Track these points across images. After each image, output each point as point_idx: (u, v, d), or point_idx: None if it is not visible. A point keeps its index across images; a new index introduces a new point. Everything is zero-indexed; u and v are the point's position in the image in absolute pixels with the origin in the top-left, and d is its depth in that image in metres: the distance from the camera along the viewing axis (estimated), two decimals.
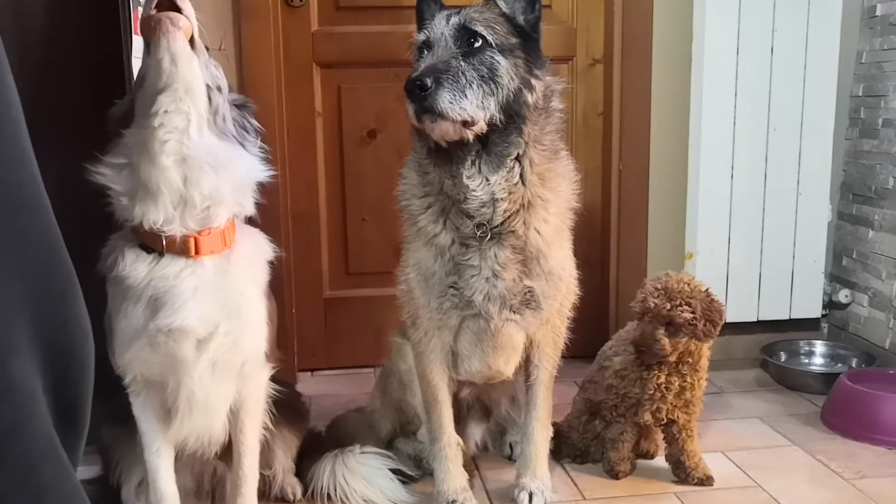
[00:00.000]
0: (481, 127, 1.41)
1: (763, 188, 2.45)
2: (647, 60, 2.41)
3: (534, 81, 1.46)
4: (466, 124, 1.39)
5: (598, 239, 2.60)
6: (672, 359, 1.71)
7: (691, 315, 1.66)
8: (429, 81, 1.35)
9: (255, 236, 1.47)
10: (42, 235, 0.75)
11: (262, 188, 1.44)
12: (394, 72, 2.42)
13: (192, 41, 1.30)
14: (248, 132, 1.42)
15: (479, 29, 1.42)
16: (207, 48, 1.38)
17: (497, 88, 1.41)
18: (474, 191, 1.46)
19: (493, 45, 1.43)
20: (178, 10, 1.27)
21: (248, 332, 1.40)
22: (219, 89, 1.35)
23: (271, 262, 1.49)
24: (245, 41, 2.24)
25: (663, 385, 1.74)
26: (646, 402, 1.76)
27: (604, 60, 2.51)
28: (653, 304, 1.68)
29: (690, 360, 1.74)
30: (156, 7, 1.27)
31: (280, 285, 1.55)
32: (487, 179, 1.46)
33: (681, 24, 2.37)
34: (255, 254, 1.45)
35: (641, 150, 2.46)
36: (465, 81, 1.38)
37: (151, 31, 1.26)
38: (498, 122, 1.43)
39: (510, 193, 1.47)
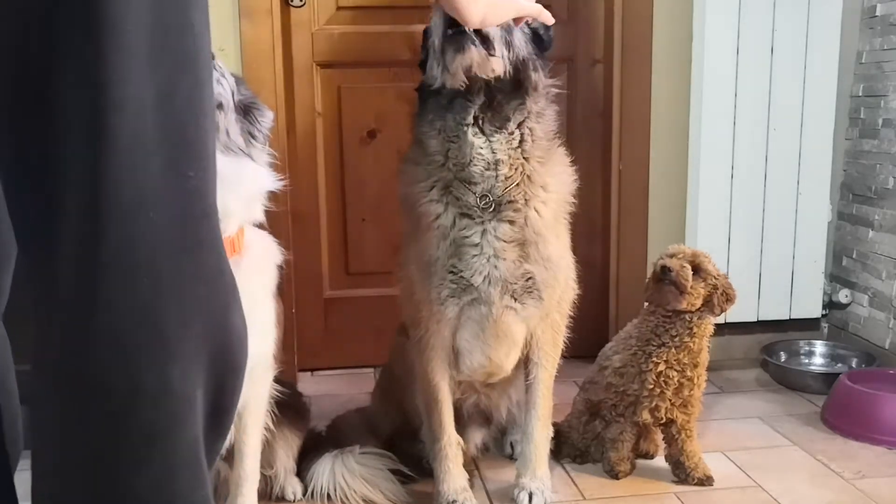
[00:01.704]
0: (501, 65, 1.45)
1: (763, 188, 2.45)
2: (647, 60, 2.41)
3: (539, 66, 1.55)
4: (489, 49, 1.42)
5: (598, 239, 2.60)
6: (685, 305, 1.70)
7: (716, 271, 1.73)
8: None
9: (264, 240, 1.47)
10: (215, 243, 0.77)
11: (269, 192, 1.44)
12: (394, 72, 2.42)
13: None
14: (255, 139, 1.41)
15: None
16: (212, 55, 1.37)
17: (510, 45, 1.48)
18: (480, 148, 1.50)
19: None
20: None
21: (257, 336, 1.39)
22: (220, 107, 1.33)
23: (279, 266, 1.49)
24: (245, 41, 2.24)
25: (662, 378, 1.74)
26: (644, 399, 1.76)
27: (604, 60, 2.51)
28: (686, 248, 1.74)
29: (692, 347, 1.74)
30: None
31: (280, 285, 1.55)
32: (490, 139, 1.50)
33: (681, 24, 2.37)
34: (264, 258, 1.45)
35: (641, 150, 2.46)
36: None
37: None
38: (507, 80, 1.48)
39: (510, 157, 1.51)
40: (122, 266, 0.69)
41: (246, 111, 1.41)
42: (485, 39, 1.43)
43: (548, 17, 1.43)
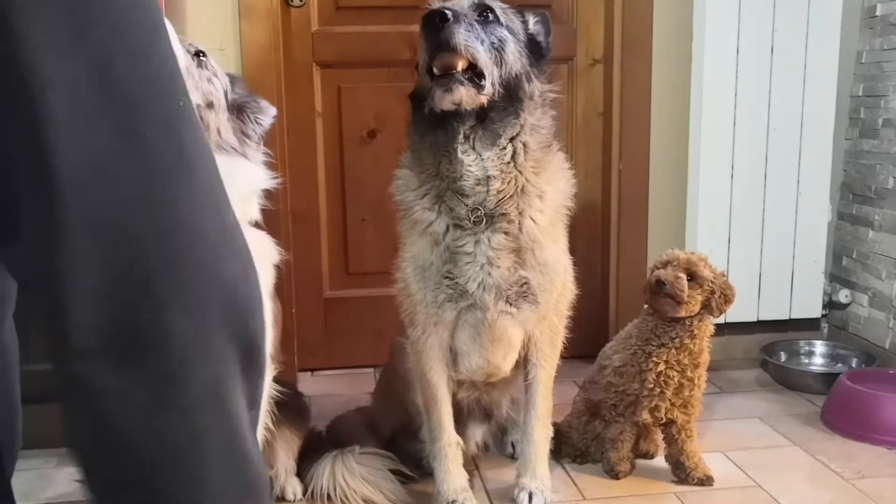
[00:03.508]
0: (489, 92, 1.43)
1: (763, 188, 2.45)
2: (647, 60, 2.41)
3: (534, 77, 1.52)
4: (478, 83, 1.41)
5: (598, 239, 2.60)
6: (684, 313, 1.70)
7: (712, 275, 1.72)
8: (449, 14, 1.37)
9: (261, 239, 1.46)
10: (195, 197, 0.79)
11: (266, 191, 1.44)
12: (394, 72, 2.42)
13: None
14: (249, 138, 1.41)
15: (495, 7, 1.48)
16: (202, 53, 1.36)
17: (502, 62, 1.46)
18: (469, 166, 1.48)
19: (504, 25, 1.48)
20: None
21: None
22: (210, 106, 1.33)
23: (276, 266, 1.49)
24: (245, 41, 2.25)
25: (662, 378, 1.74)
26: (644, 399, 1.76)
27: (604, 60, 2.51)
28: (681, 254, 1.74)
29: (693, 348, 1.74)
30: None
31: (280, 285, 1.55)
32: (481, 156, 1.49)
33: (681, 24, 2.38)
34: (260, 257, 1.44)
35: (641, 150, 2.47)
36: (478, 34, 1.42)
37: None
38: (498, 99, 1.46)
39: (502, 172, 1.50)
40: (92, 225, 0.72)
41: (239, 110, 1.40)
42: (475, 76, 1.41)
43: None
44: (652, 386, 1.75)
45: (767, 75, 2.38)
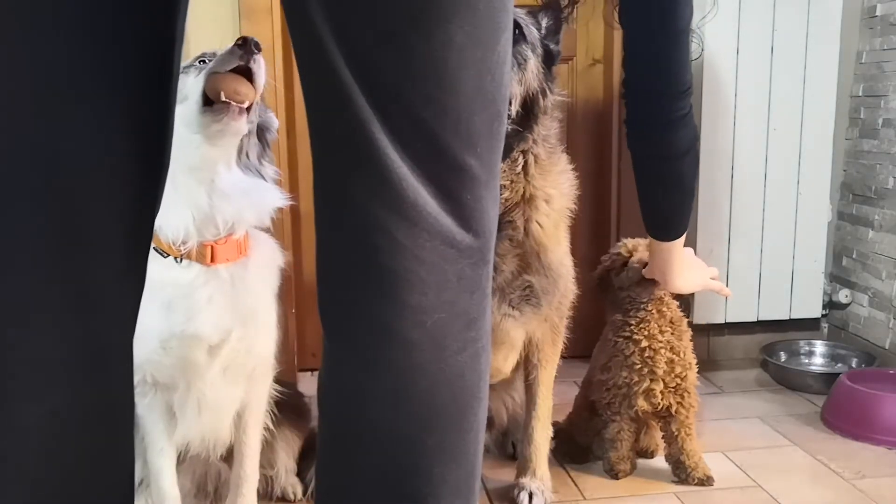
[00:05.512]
0: (511, 114, 1.43)
1: (763, 188, 2.45)
2: None
3: (549, 91, 1.53)
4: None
5: (598, 239, 2.60)
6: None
7: None
8: None
9: (268, 243, 1.48)
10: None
11: None
12: None
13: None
14: (264, 158, 1.44)
15: (521, 21, 1.47)
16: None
17: (523, 80, 1.45)
18: None
19: (528, 42, 1.47)
20: (251, 75, 1.27)
21: (260, 337, 1.41)
22: (248, 134, 1.37)
23: (281, 268, 1.50)
24: None
25: (648, 353, 1.74)
26: (635, 384, 1.76)
27: (604, 60, 2.51)
28: (627, 241, 1.87)
29: (669, 314, 1.77)
30: (230, 69, 1.27)
31: (280, 285, 1.55)
32: None
33: None
34: (268, 260, 1.46)
35: None
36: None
37: (218, 103, 1.26)
38: (515, 117, 1.46)
39: (511, 182, 1.50)
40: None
41: (259, 133, 1.43)
42: None
43: (727, 292, 1.83)
44: (640, 366, 1.74)
45: (767, 75, 2.38)
